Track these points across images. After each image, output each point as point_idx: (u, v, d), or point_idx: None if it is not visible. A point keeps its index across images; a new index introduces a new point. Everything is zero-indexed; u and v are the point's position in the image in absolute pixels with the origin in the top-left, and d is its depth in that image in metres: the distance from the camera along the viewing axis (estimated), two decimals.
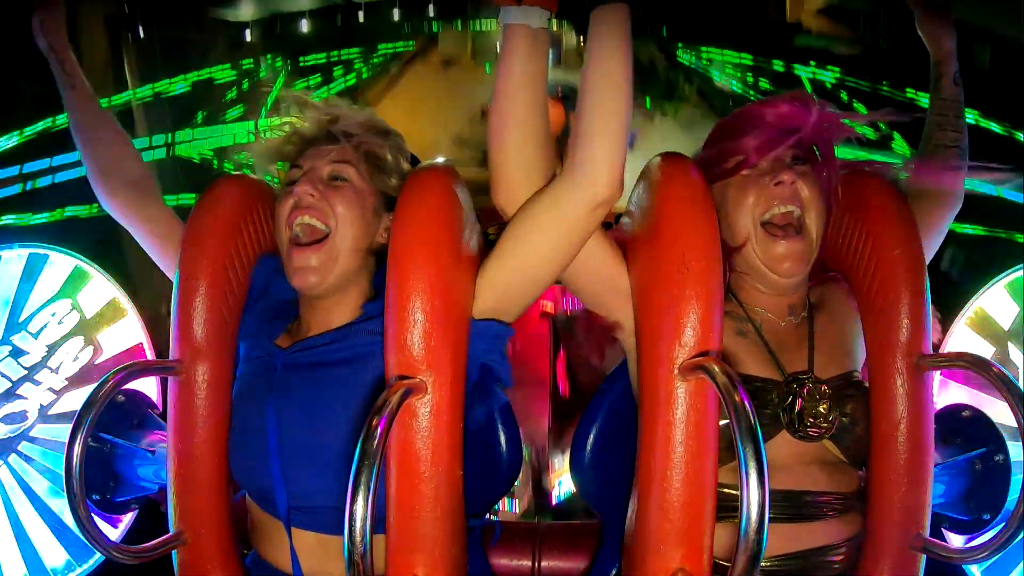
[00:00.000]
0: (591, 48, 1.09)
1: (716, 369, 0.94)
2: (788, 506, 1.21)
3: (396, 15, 7.00)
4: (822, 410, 1.21)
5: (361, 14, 6.73)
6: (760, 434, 0.88)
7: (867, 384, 1.28)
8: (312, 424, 1.17)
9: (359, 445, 0.89)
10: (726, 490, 1.16)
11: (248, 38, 5.78)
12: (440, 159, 1.18)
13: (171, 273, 1.38)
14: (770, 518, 1.16)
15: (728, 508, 1.14)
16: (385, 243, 1.23)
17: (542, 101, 1.12)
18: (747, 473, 0.85)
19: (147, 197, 1.41)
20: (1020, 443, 1.38)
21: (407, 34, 7.26)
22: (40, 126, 3.55)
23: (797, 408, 1.21)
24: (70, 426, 1.11)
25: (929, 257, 1.41)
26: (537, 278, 1.16)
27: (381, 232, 1.28)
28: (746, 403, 0.89)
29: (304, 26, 6.35)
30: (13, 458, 1.81)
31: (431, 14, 7.04)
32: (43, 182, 3.61)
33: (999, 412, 1.57)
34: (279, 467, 1.17)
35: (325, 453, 1.14)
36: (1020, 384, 1.27)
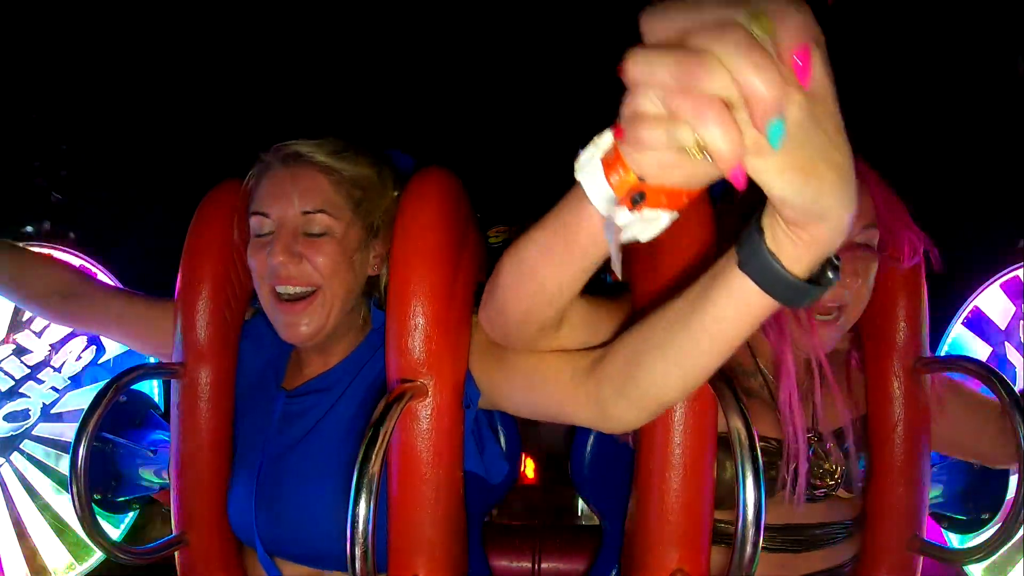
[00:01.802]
0: (703, 298, 0.68)
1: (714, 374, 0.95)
2: (790, 540, 1.20)
3: None
4: (827, 468, 1.19)
5: None
6: (755, 433, 0.89)
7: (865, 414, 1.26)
8: (283, 484, 1.16)
9: (362, 447, 0.90)
10: (722, 525, 1.15)
11: None
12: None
13: (144, 350, 1.39)
14: (772, 548, 1.17)
15: (723, 535, 1.15)
16: (375, 274, 1.21)
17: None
18: (744, 474, 0.86)
19: (81, 295, 1.34)
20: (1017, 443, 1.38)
21: None
22: None
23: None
24: (72, 425, 1.11)
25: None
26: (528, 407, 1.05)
27: (371, 263, 1.20)
28: (741, 405, 0.90)
29: None
30: (15, 456, 1.82)
31: None
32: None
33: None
34: (254, 512, 1.17)
35: (290, 511, 1.14)
36: (1016, 385, 1.27)
